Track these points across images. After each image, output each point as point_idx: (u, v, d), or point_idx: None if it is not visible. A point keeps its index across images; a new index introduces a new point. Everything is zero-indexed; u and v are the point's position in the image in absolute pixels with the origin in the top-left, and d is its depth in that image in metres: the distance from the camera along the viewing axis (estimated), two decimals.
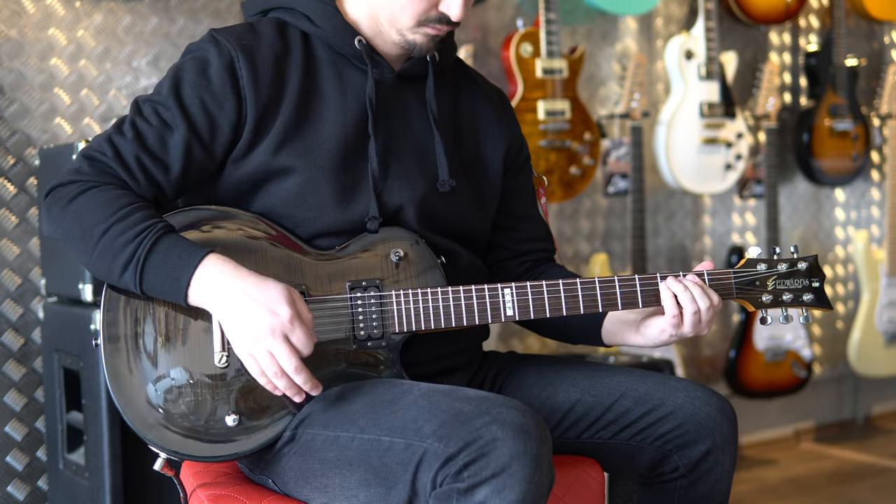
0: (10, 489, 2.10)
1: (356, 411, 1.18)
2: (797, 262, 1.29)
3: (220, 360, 1.20)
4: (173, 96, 1.25)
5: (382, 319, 1.25)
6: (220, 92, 1.25)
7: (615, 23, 2.84)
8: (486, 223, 1.42)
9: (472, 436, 1.06)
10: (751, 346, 2.94)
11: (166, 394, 1.20)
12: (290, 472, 1.23)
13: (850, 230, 3.36)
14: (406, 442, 1.11)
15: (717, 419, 1.29)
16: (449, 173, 1.32)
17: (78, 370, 1.86)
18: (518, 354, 1.47)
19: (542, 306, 1.26)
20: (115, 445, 1.76)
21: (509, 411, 1.09)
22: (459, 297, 1.25)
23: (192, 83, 1.25)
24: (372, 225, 1.28)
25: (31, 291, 2.12)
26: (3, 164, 2.09)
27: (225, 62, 1.25)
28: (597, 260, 2.74)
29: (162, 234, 1.17)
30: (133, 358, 1.20)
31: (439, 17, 1.28)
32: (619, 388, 1.33)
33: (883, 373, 3.19)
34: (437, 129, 1.33)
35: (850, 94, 3.11)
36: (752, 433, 3.14)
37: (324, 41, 1.32)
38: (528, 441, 1.06)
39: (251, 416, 1.21)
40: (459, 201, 1.35)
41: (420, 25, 1.28)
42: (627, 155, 2.67)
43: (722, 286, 1.29)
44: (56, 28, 2.13)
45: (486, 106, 1.43)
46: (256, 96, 1.25)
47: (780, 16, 2.98)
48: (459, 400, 1.12)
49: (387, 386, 1.21)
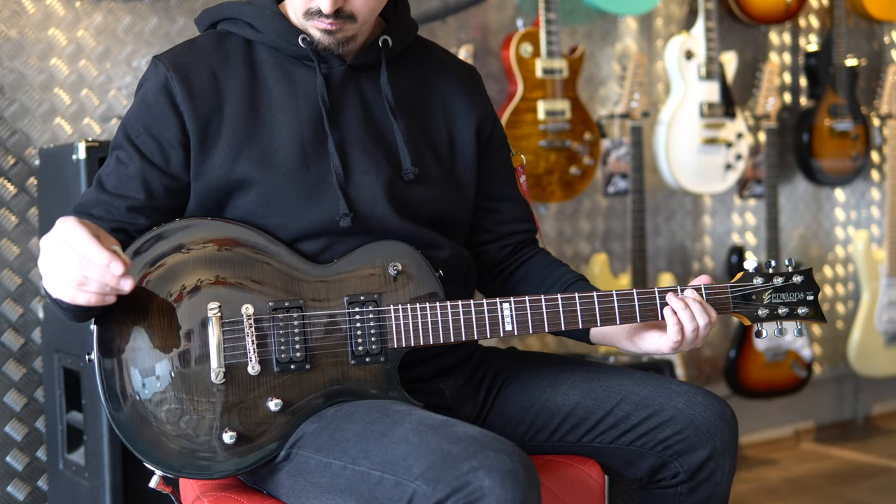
0: (10, 489, 2.10)
1: (348, 440, 1.17)
2: (792, 276, 1.31)
3: (217, 377, 1.19)
4: (123, 134, 1.28)
5: (381, 335, 1.24)
6: (159, 114, 1.27)
7: (615, 23, 2.84)
8: (467, 209, 1.40)
9: (460, 482, 1.06)
10: (751, 346, 2.94)
11: (162, 410, 1.19)
12: (283, 488, 1.23)
13: (850, 230, 3.36)
14: (396, 479, 1.10)
15: (718, 425, 1.28)
16: (412, 161, 1.31)
17: (78, 370, 1.86)
18: (518, 352, 1.46)
19: (541, 321, 1.26)
20: (115, 446, 1.76)
21: (497, 455, 1.07)
22: (458, 311, 1.24)
23: (136, 115, 1.28)
24: (344, 222, 1.26)
25: (31, 291, 2.12)
26: (3, 164, 2.09)
27: (160, 85, 1.27)
28: (597, 260, 2.74)
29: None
30: (127, 374, 1.19)
31: (317, 10, 1.25)
32: (619, 392, 1.32)
33: (883, 373, 3.19)
34: (394, 117, 1.31)
35: (850, 94, 3.12)
36: (752, 433, 3.14)
37: (269, 46, 1.31)
38: (515, 488, 1.05)
39: (248, 433, 1.20)
40: (432, 189, 1.34)
41: (308, 19, 1.27)
42: (627, 155, 2.67)
43: (719, 300, 1.30)
44: (56, 28, 2.13)
45: (454, 86, 1.40)
46: (193, 109, 1.26)
47: (780, 16, 2.98)
48: (448, 439, 1.10)
49: (379, 414, 1.19)
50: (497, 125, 1.45)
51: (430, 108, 1.38)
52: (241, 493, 1.29)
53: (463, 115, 1.39)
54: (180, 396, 1.19)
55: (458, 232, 1.39)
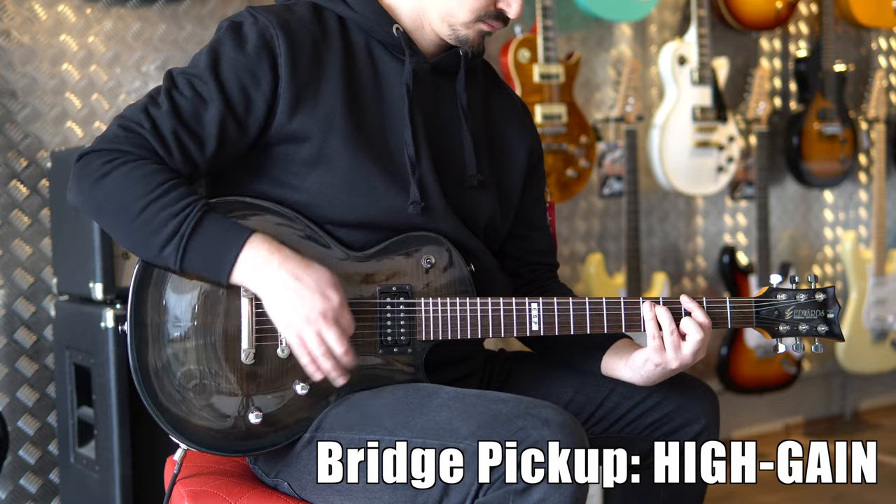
0: (22, 482, 2.13)
1: (381, 413, 1.17)
2: (815, 293, 1.32)
3: (248, 357, 1.19)
4: (210, 70, 1.21)
5: (410, 326, 1.24)
6: (256, 68, 1.21)
7: (610, 29, 2.88)
8: (507, 224, 1.40)
9: (518, 435, 1.06)
10: (742, 343, 2.98)
11: (190, 385, 1.19)
12: (308, 475, 1.22)
13: (838, 231, 3.40)
14: (440, 443, 1.10)
15: (702, 403, 1.32)
16: (477, 167, 1.32)
17: (89, 366, 1.88)
18: (511, 353, 1.48)
19: (567, 323, 1.26)
20: (125, 439, 1.79)
21: (546, 410, 1.09)
22: (487, 308, 1.24)
23: (230, 58, 1.21)
24: (414, 209, 1.25)
25: (43, 290, 2.14)
26: (15, 167, 2.12)
27: (263, 39, 1.22)
28: (592, 260, 2.78)
29: (206, 212, 1.16)
30: (159, 347, 1.19)
31: (497, 14, 1.27)
32: (608, 385, 1.34)
33: (870, 369, 3.24)
34: (466, 122, 1.32)
35: (839, 99, 3.15)
36: (742, 428, 3.18)
37: (360, 26, 1.29)
38: (571, 436, 1.07)
39: (274, 415, 1.20)
40: (486, 196, 1.34)
41: (476, 21, 1.27)
42: (622, 157, 2.70)
43: (742, 314, 1.30)
44: (67, 34, 2.17)
45: (512, 109, 1.43)
46: (293, 76, 1.22)
47: (771, 22, 3.02)
48: (493, 402, 1.11)
49: (411, 389, 1.20)
50: (542, 158, 1.46)
51: (492, 122, 1.39)
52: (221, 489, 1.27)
53: (518, 137, 1.41)
54: (210, 374, 1.19)
55: (494, 246, 1.39)
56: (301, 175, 1.25)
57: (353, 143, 1.25)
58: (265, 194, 1.26)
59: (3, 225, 2.12)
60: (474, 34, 1.29)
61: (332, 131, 1.24)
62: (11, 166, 2.12)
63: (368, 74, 1.29)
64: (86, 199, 1.19)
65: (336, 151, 1.24)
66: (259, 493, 1.27)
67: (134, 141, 1.19)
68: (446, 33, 1.30)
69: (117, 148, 1.18)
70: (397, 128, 1.28)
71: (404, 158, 1.27)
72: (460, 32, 1.29)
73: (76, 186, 1.20)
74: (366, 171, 1.25)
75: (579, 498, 1.08)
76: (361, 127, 1.26)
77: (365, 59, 1.29)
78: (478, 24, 1.28)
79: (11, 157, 2.12)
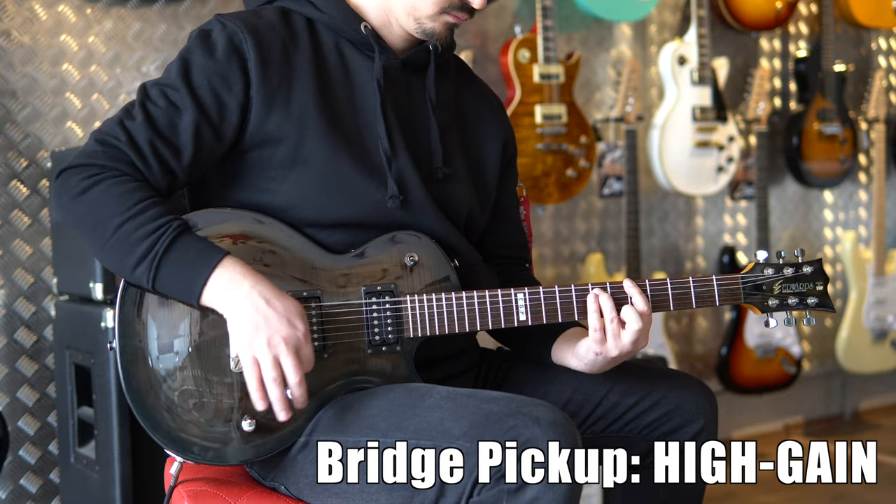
0: (22, 482, 2.13)
1: (375, 416, 1.17)
2: (803, 266, 1.31)
3: (236, 366, 1.18)
4: (181, 78, 1.22)
5: (397, 324, 1.24)
6: (227, 73, 1.22)
7: (610, 29, 2.88)
8: (485, 217, 1.41)
9: (509, 434, 1.06)
10: (742, 343, 2.99)
11: (182, 398, 1.19)
12: (305, 478, 1.22)
13: (838, 231, 3.41)
14: (433, 444, 1.10)
15: (700, 402, 1.32)
16: (443, 161, 1.32)
17: (89, 366, 1.88)
18: (509, 353, 1.48)
19: (555, 311, 1.26)
20: (125, 439, 1.79)
21: (538, 408, 1.09)
22: (473, 301, 1.25)
23: (200, 65, 1.23)
24: (393, 203, 1.26)
25: (43, 290, 2.15)
26: (16, 167, 2.13)
27: (232, 44, 1.23)
28: (592, 260, 2.79)
29: (180, 232, 1.16)
30: (148, 360, 1.19)
31: (461, 6, 1.28)
32: (606, 384, 1.34)
33: (870, 369, 3.25)
34: (434, 115, 1.32)
35: (839, 99, 3.16)
36: (742, 428, 3.18)
37: (328, 26, 1.30)
38: (563, 434, 1.08)
39: (267, 421, 1.20)
40: (463, 188, 1.35)
41: (441, 13, 1.28)
42: (622, 158, 2.71)
43: (730, 291, 1.29)
44: (68, 34, 2.17)
45: (485, 103, 1.43)
46: (264, 78, 1.23)
47: (771, 23, 3.02)
48: (485, 401, 1.12)
49: (403, 390, 1.20)
50: (516, 153, 1.47)
51: (464, 116, 1.40)
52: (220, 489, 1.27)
53: (492, 132, 1.42)
54: (200, 384, 1.19)
55: (475, 238, 1.40)
56: (279, 178, 1.25)
57: (329, 142, 1.25)
58: (245, 202, 1.26)
59: (4, 225, 2.12)
60: (441, 27, 1.30)
61: (306, 131, 1.25)
62: (11, 166, 2.13)
63: (339, 73, 1.29)
64: (66, 214, 1.20)
65: (312, 151, 1.25)
66: (259, 493, 1.28)
67: (111, 155, 1.19)
68: (413, 28, 1.31)
69: (95, 163, 1.19)
70: (371, 124, 1.29)
71: (380, 154, 1.28)
72: (426, 26, 1.30)
73: (57, 202, 1.21)
74: (343, 169, 1.26)
75: (572, 497, 1.08)
76: (336, 125, 1.27)
77: (335, 58, 1.30)
78: (443, 16, 1.29)
79: (12, 157, 2.13)
